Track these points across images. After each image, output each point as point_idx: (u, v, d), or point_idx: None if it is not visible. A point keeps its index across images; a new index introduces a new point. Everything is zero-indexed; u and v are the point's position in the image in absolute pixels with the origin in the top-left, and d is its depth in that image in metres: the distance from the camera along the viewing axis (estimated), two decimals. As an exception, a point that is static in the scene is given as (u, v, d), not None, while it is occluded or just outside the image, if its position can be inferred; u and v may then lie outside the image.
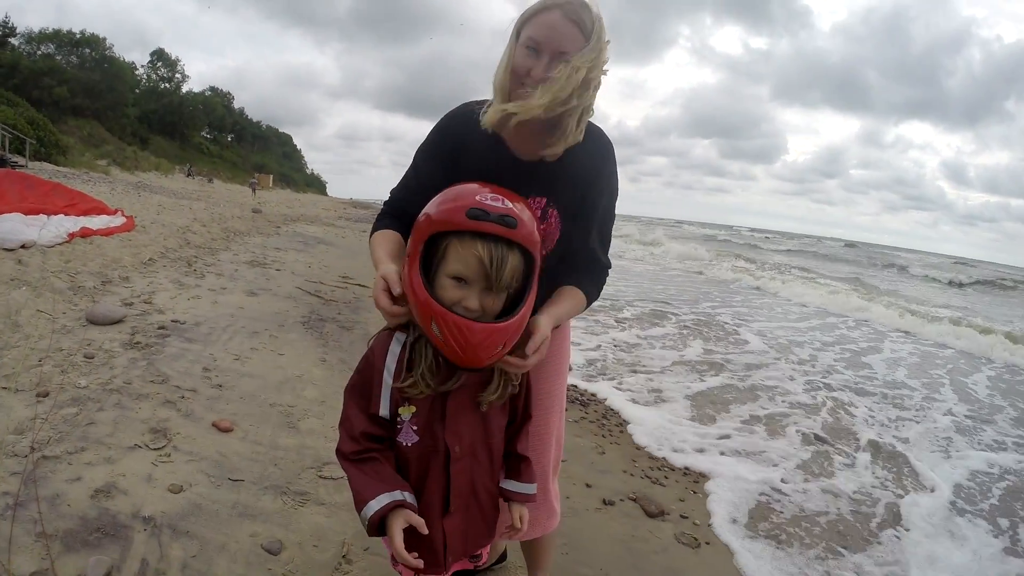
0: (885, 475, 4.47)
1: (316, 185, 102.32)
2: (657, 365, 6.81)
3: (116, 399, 3.43)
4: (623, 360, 6.89)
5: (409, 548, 1.42)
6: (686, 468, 4.12)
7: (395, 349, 1.47)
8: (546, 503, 2.11)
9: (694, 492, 3.77)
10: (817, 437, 5.03)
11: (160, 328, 4.93)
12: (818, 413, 5.78)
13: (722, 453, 4.44)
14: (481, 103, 1.82)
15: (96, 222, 9.30)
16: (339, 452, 1.49)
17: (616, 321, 9.13)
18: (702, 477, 4.00)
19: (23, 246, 6.93)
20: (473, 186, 1.41)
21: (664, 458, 4.24)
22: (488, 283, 1.36)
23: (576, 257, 1.88)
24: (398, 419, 1.47)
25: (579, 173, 1.80)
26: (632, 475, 3.87)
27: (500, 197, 1.36)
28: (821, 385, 6.84)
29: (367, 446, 1.46)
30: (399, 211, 1.86)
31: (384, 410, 1.47)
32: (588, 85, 1.65)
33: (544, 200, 1.80)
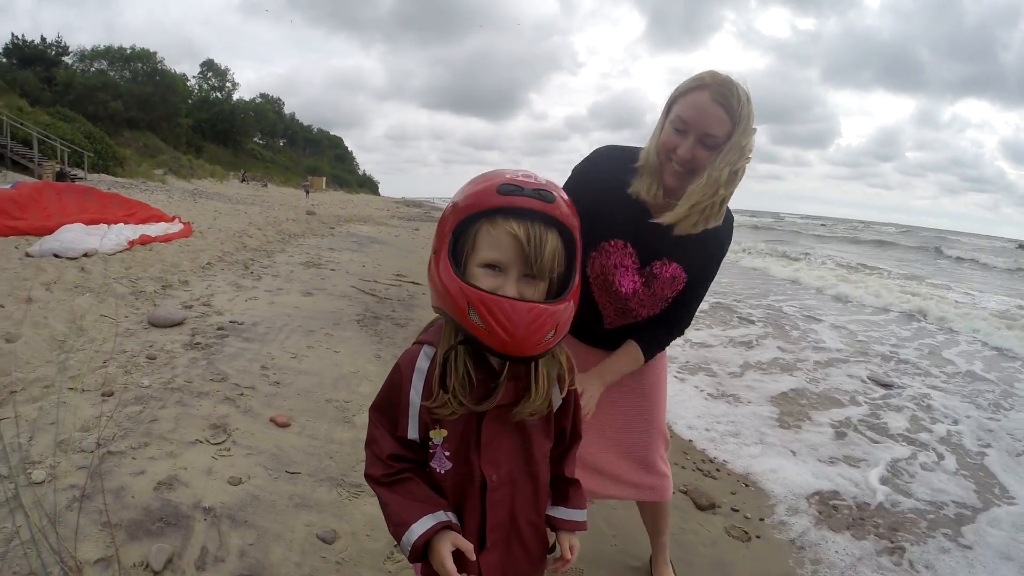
0: (965, 482, 4.37)
1: (368, 185, 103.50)
2: (726, 360, 6.77)
3: (177, 397, 3.56)
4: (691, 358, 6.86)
5: None
6: (729, 465, 4.10)
7: (423, 365, 1.33)
8: (657, 472, 2.34)
9: (746, 486, 3.75)
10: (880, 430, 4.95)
11: (219, 329, 5.09)
12: (896, 411, 5.68)
13: (786, 449, 4.41)
14: (623, 154, 1.96)
15: (155, 229, 9.62)
16: (368, 476, 1.37)
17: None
18: (753, 472, 3.98)
19: (85, 255, 7.23)
20: (500, 170, 1.25)
21: (714, 454, 4.22)
22: (527, 266, 1.20)
23: (664, 316, 2.09)
24: (430, 443, 1.34)
25: (710, 249, 1.97)
26: (684, 467, 3.86)
27: (532, 174, 1.21)
28: (899, 384, 6.69)
29: (398, 467, 1.34)
30: None
31: (413, 433, 1.34)
32: (733, 178, 1.76)
33: (676, 266, 1.97)
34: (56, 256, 7.00)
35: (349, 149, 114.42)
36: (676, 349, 6.98)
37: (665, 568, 2.64)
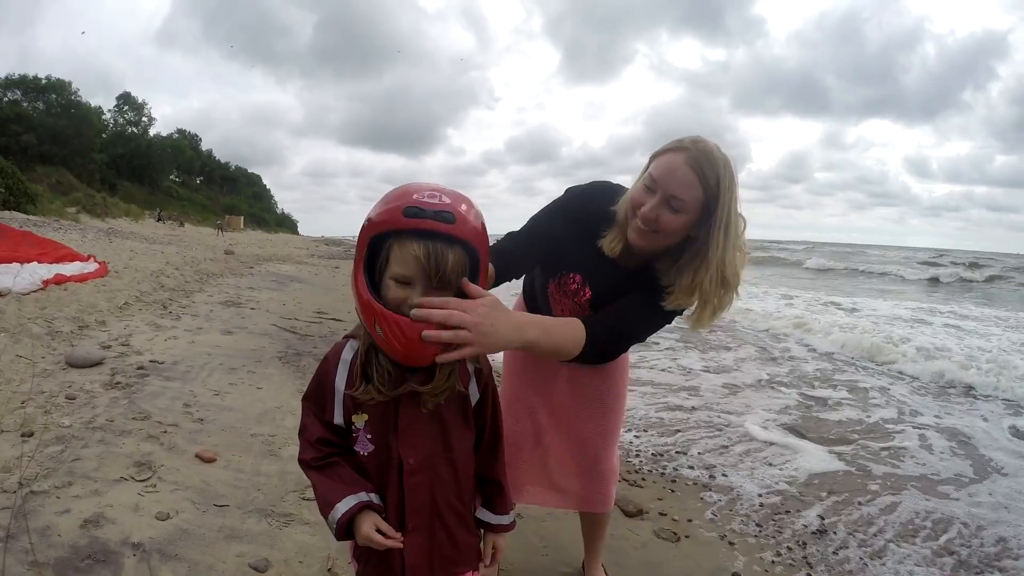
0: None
1: (287, 224, 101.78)
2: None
3: (100, 436, 3.48)
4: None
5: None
6: (662, 469, 4.23)
7: (347, 356, 1.45)
8: (606, 482, 2.41)
9: (672, 492, 3.87)
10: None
11: (139, 368, 4.98)
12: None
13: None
14: (611, 197, 1.95)
15: (69, 269, 9.31)
16: (301, 461, 1.48)
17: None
18: (679, 477, 4.11)
19: (-1, 295, 6.96)
20: (413, 184, 1.34)
21: (638, 463, 4.35)
22: (429, 281, 1.31)
23: (612, 313, 1.91)
24: (353, 427, 1.44)
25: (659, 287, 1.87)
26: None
27: (437, 193, 1.30)
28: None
29: (327, 451, 1.45)
30: (507, 262, 1.85)
31: (338, 418, 1.44)
32: (726, 285, 1.79)
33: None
34: (-34, 296, 6.73)
35: (267, 187, 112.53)
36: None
37: (598, 571, 2.73)
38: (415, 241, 1.28)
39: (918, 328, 11.09)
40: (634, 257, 1.93)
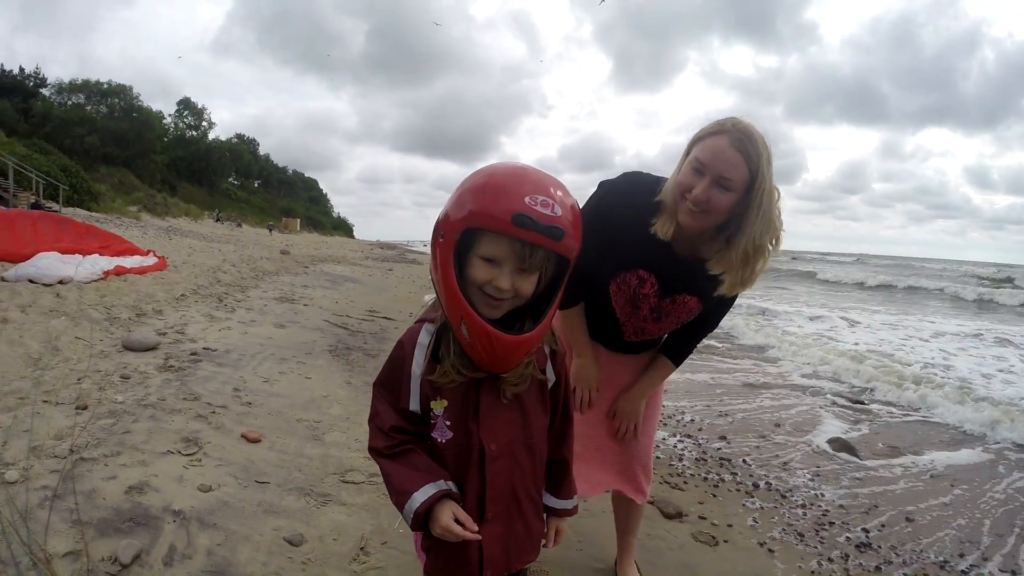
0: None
1: (343, 228, 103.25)
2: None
3: (150, 413, 3.58)
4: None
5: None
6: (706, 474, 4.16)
7: (424, 340, 1.40)
8: (647, 475, 2.53)
9: (714, 496, 3.81)
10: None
11: (192, 354, 5.11)
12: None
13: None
14: (647, 186, 2.03)
15: (129, 261, 9.61)
16: (372, 449, 1.43)
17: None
18: (722, 482, 4.05)
19: (60, 282, 7.22)
20: (520, 176, 1.26)
21: (680, 467, 4.29)
22: (519, 264, 1.28)
23: (687, 329, 2.26)
24: (431, 414, 1.40)
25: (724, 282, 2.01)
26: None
27: (551, 202, 1.23)
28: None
29: (400, 439, 1.40)
30: (585, 277, 2.12)
31: (415, 404, 1.40)
32: (760, 252, 1.89)
33: (695, 299, 2.11)
34: (31, 281, 7.00)
35: (323, 191, 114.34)
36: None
37: (630, 567, 2.71)
38: (505, 236, 1.25)
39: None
40: (686, 240, 2.00)
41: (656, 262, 2.06)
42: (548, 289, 1.37)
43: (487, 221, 1.23)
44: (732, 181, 1.79)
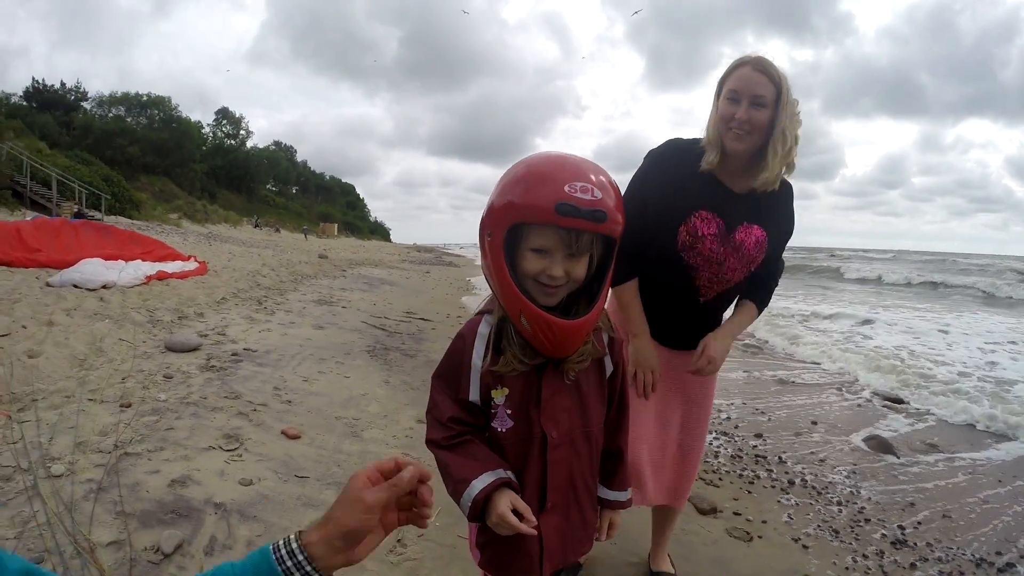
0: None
1: (380, 232, 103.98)
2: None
3: (193, 410, 3.69)
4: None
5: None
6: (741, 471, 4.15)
7: (484, 331, 1.42)
8: (689, 479, 2.56)
9: (749, 492, 3.80)
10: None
11: (233, 354, 5.24)
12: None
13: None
14: (689, 143, 2.26)
15: (171, 266, 9.84)
16: (429, 441, 1.43)
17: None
18: (757, 479, 4.03)
19: (104, 287, 7.43)
20: (558, 164, 1.29)
21: (715, 464, 4.28)
22: (568, 250, 1.31)
23: (761, 273, 2.32)
24: (492, 403, 1.40)
25: (779, 207, 2.26)
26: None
27: (590, 186, 1.25)
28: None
29: (459, 429, 1.40)
30: (633, 248, 2.16)
31: (474, 395, 1.40)
32: (793, 126, 2.09)
33: (758, 228, 2.22)
34: (76, 286, 7.24)
35: (360, 196, 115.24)
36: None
37: (664, 560, 2.74)
38: (551, 226, 1.28)
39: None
40: (734, 172, 2.20)
41: (713, 198, 2.19)
42: (599, 269, 1.40)
43: (531, 214, 1.26)
44: (764, 97, 2.05)
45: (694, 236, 2.17)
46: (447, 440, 1.39)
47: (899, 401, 6.43)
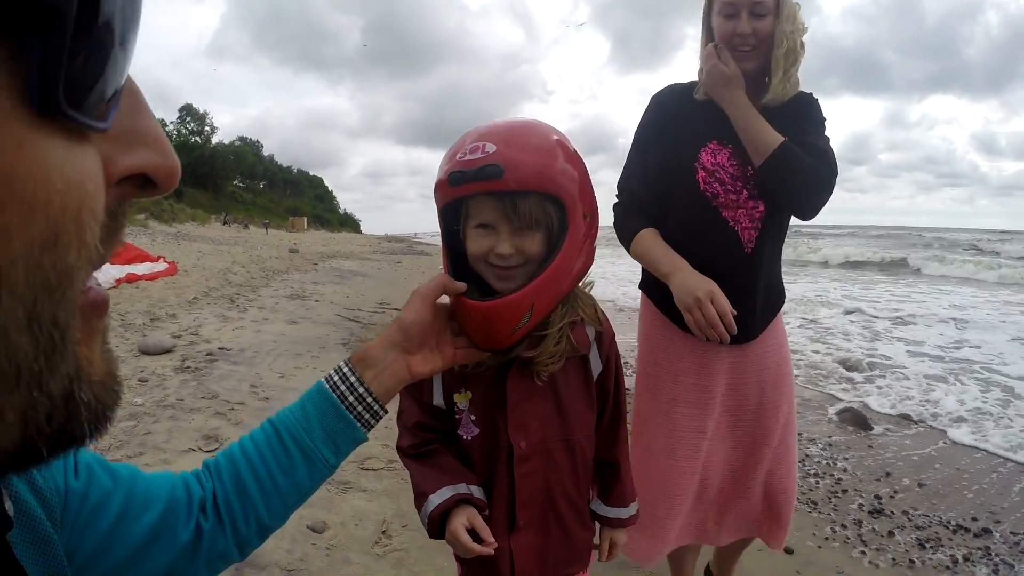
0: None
1: (350, 224, 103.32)
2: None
3: (170, 413, 3.67)
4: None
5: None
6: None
7: None
8: (783, 510, 2.04)
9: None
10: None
11: (208, 354, 5.20)
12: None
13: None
14: (684, 84, 2.02)
15: (140, 268, 9.72)
16: (398, 449, 1.32)
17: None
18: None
19: (74, 292, 7.31)
20: (466, 134, 1.17)
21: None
22: (512, 224, 1.15)
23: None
24: (456, 408, 1.27)
25: (797, 120, 1.89)
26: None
27: (480, 144, 1.10)
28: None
29: (425, 437, 1.28)
30: (645, 206, 1.96)
31: (438, 398, 1.27)
32: (796, 32, 1.84)
33: None
34: (43, 295, 7.10)
35: (329, 188, 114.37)
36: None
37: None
38: (483, 197, 1.15)
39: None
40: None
41: (718, 127, 1.90)
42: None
43: (439, 197, 1.19)
44: (763, 4, 1.81)
45: (711, 172, 1.87)
46: (413, 448, 1.28)
47: (862, 372, 6.50)
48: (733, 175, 1.87)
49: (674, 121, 1.94)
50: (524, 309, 1.13)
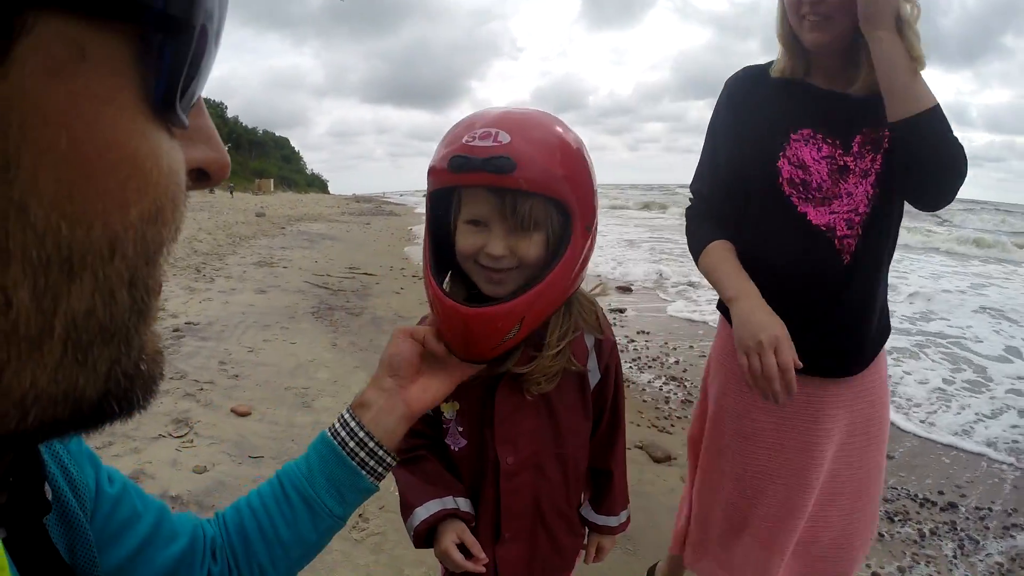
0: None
1: (318, 184, 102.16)
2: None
3: (137, 397, 3.59)
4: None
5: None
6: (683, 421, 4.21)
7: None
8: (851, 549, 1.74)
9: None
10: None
11: (175, 331, 5.11)
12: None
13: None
14: (763, 64, 1.68)
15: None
16: None
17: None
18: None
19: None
20: (475, 115, 1.04)
21: (667, 410, 4.35)
22: (507, 221, 1.03)
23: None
24: (443, 417, 1.22)
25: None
26: (638, 425, 3.98)
27: (492, 130, 0.97)
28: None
29: (412, 443, 1.22)
30: (716, 212, 1.70)
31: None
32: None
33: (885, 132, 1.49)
34: None
35: (296, 149, 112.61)
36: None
37: None
38: (481, 189, 1.03)
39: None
40: (831, 69, 1.55)
41: (813, 110, 1.57)
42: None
43: (435, 180, 1.05)
44: None
45: (797, 167, 1.56)
46: (401, 455, 1.17)
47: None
48: (828, 168, 1.55)
49: (748, 109, 1.64)
50: (513, 322, 1.02)
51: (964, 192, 1.49)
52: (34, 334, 0.27)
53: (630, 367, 5.19)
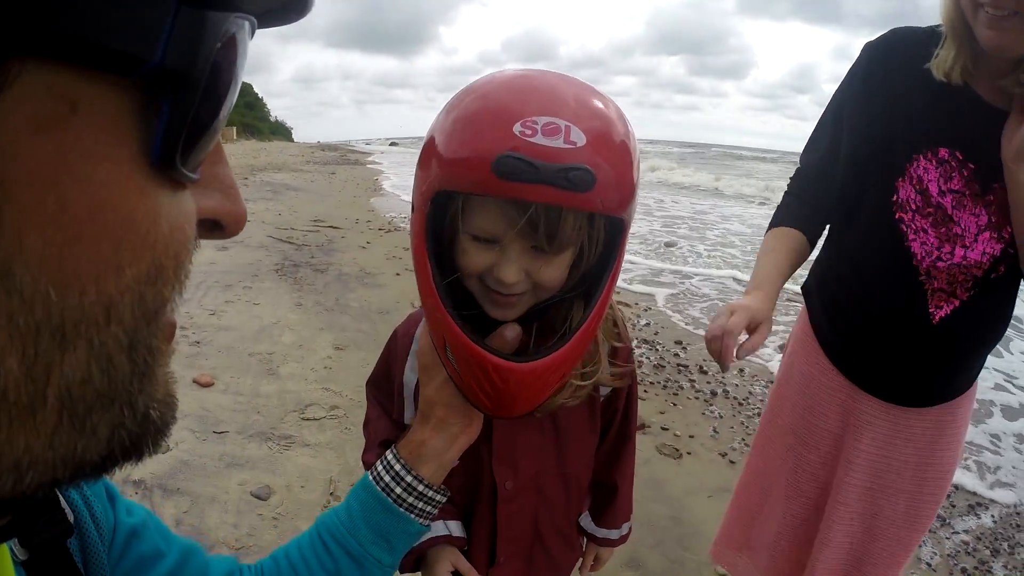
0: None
1: (282, 132, 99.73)
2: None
3: (94, 369, 3.45)
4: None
5: None
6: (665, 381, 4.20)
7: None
8: None
9: (674, 405, 3.86)
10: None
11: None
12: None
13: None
14: (921, 32, 1.35)
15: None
16: (365, 463, 1.08)
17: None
18: (681, 389, 4.09)
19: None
20: (519, 90, 0.71)
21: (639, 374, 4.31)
22: (531, 240, 0.78)
23: None
24: None
25: None
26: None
27: (561, 124, 0.67)
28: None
29: None
30: (809, 192, 1.48)
31: (409, 417, 1.03)
32: None
33: None
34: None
35: (259, 95, 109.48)
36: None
37: None
38: (512, 204, 0.75)
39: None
40: (998, 74, 1.23)
41: (959, 127, 1.27)
42: (602, 266, 0.84)
43: (458, 176, 0.72)
44: None
45: (920, 190, 1.30)
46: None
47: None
48: (953, 211, 1.29)
49: (884, 99, 1.35)
50: (566, 371, 0.81)
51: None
52: (25, 402, 0.25)
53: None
